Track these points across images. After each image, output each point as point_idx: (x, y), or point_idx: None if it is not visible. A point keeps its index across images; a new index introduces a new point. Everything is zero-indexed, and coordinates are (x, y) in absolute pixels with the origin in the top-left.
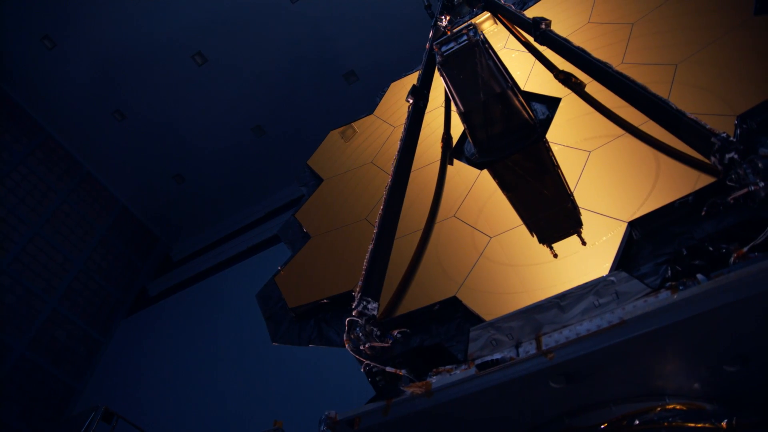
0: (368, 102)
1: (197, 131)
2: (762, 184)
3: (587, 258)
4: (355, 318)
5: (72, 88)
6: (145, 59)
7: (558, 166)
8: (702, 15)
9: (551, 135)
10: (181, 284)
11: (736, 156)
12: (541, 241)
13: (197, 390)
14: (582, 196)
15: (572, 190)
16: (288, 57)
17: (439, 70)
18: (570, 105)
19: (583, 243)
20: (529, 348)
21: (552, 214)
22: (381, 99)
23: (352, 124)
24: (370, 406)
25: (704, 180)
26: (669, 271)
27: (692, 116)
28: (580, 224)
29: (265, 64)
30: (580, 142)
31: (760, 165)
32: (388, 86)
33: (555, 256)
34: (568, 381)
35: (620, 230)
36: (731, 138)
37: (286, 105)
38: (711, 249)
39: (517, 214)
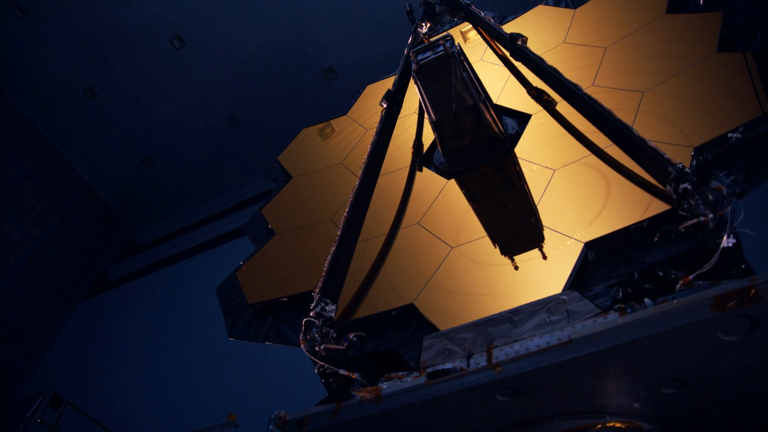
0: (345, 100)
1: (170, 116)
2: (711, 215)
3: (545, 269)
4: (312, 319)
5: (42, 61)
6: (121, 37)
7: (524, 181)
8: (670, 46)
9: (519, 150)
10: (142, 270)
11: (689, 187)
12: (503, 252)
13: (151, 379)
14: (543, 213)
15: (536, 205)
16: (269, 47)
17: (413, 78)
18: (540, 122)
19: (544, 257)
20: (479, 360)
21: (516, 228)
22: (356, 100)
23: (326, 123)
24: (320, 407)
25: (659, 207)
26: (620, 293)
27: (652, 144)
28: (542, 239)
29: (245, 53)
30: (546, 160)
31: (710, 197)
32: (365, 88)
33: (516, 268)
34: (514, 395)
35: (576, 250)
36: (686, 169)
37: (262, 97)
38: (661, 274)
39: (481, 224)
